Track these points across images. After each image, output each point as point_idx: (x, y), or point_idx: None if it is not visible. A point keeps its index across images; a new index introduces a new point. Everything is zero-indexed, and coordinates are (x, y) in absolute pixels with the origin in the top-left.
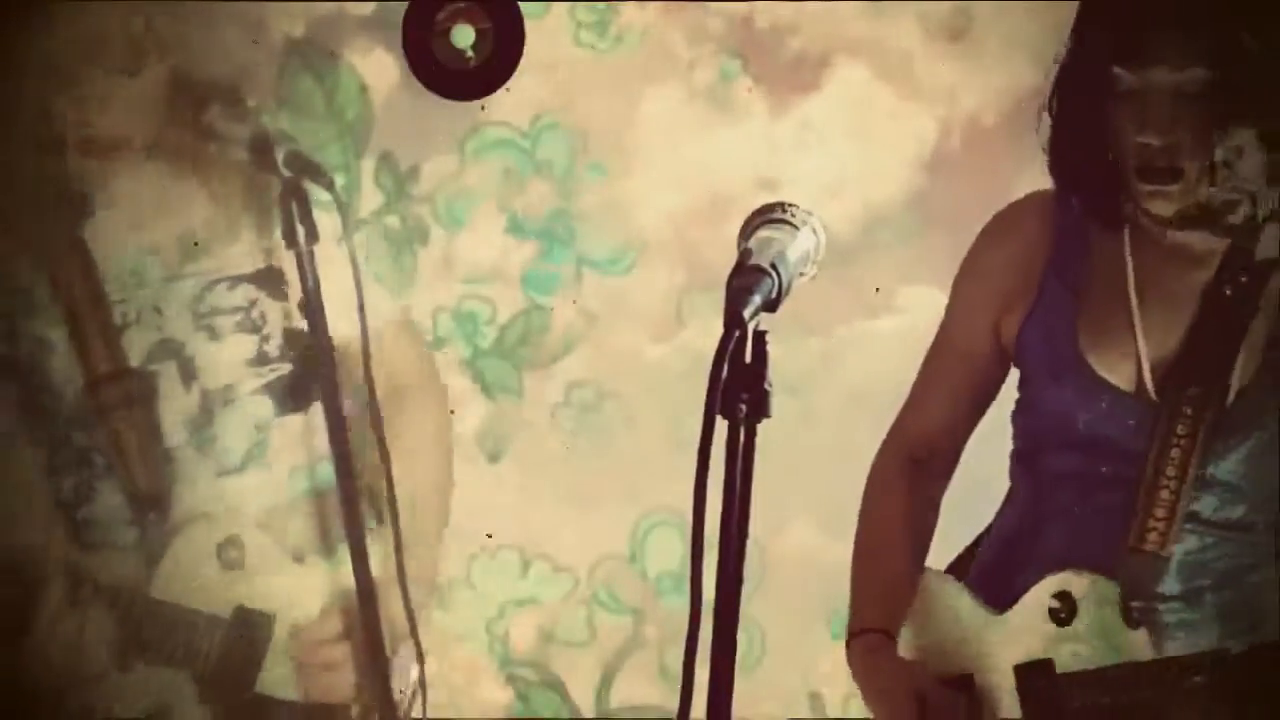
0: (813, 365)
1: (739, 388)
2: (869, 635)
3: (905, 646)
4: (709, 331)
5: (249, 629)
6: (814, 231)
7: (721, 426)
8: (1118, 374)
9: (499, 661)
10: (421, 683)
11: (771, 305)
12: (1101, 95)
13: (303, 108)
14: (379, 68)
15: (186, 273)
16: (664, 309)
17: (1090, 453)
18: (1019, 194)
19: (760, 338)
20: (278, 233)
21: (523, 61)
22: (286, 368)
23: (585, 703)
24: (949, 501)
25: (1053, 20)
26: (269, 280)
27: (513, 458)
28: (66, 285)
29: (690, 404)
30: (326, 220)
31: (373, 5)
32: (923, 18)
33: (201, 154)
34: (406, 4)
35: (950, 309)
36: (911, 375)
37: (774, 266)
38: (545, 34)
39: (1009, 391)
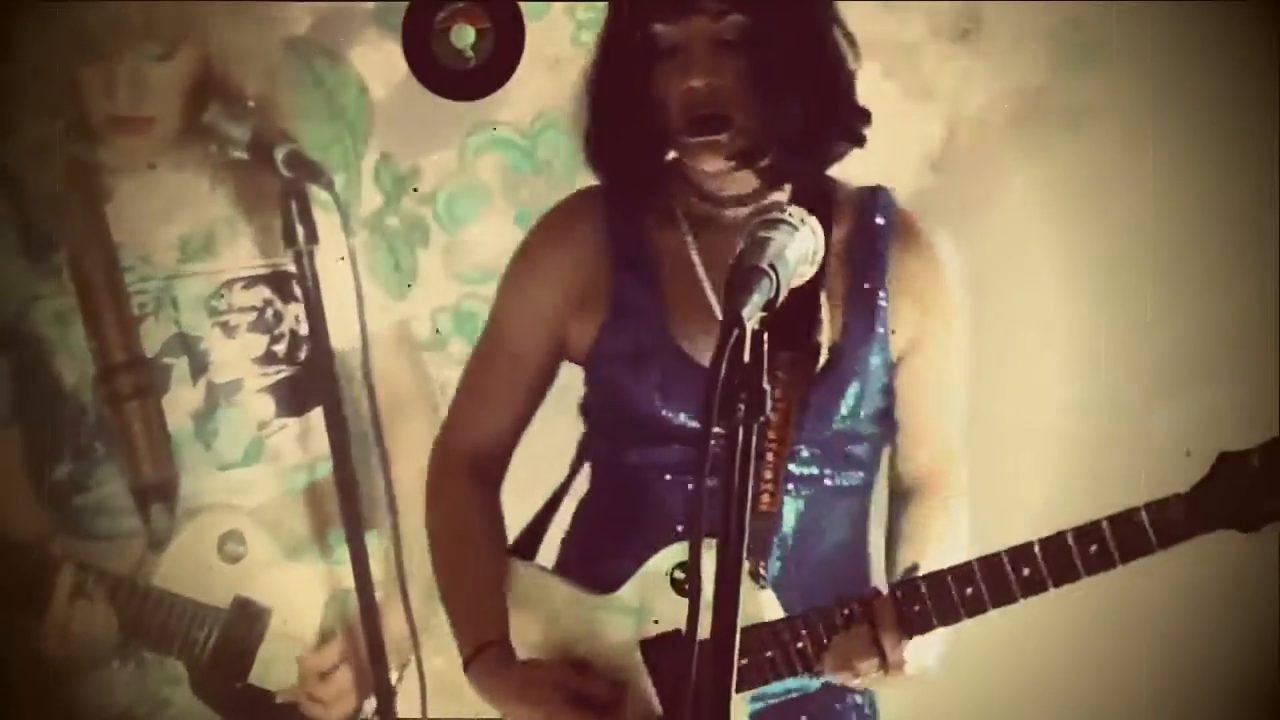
0: None
1: (738, 387)
2: (485, 652)
3: (522, 651)
4: None
5: (246, 621)
6: (813, 232)
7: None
8: (708, 354)
9: None
10: (421, 682)
11: (771, 305)
12: (644, 61)
13: (303, 108)
14: (379, 67)
15: (203, 269)
16: None
17: (689, 434)
18: (1023, 193)
19: (759, 338)
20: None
21: (523, 61)
22: (292, 369)
23: None
24: None
25: (1060, 19)
26: (283, 281)
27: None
28: (85, 267)
29: None
30: (326, 220)
31: (373, 5)
32: (930, 17)
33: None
34: (406, 4)
35: (500, 314)
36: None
37: (773, 266)
38: (545, 34)
39: None
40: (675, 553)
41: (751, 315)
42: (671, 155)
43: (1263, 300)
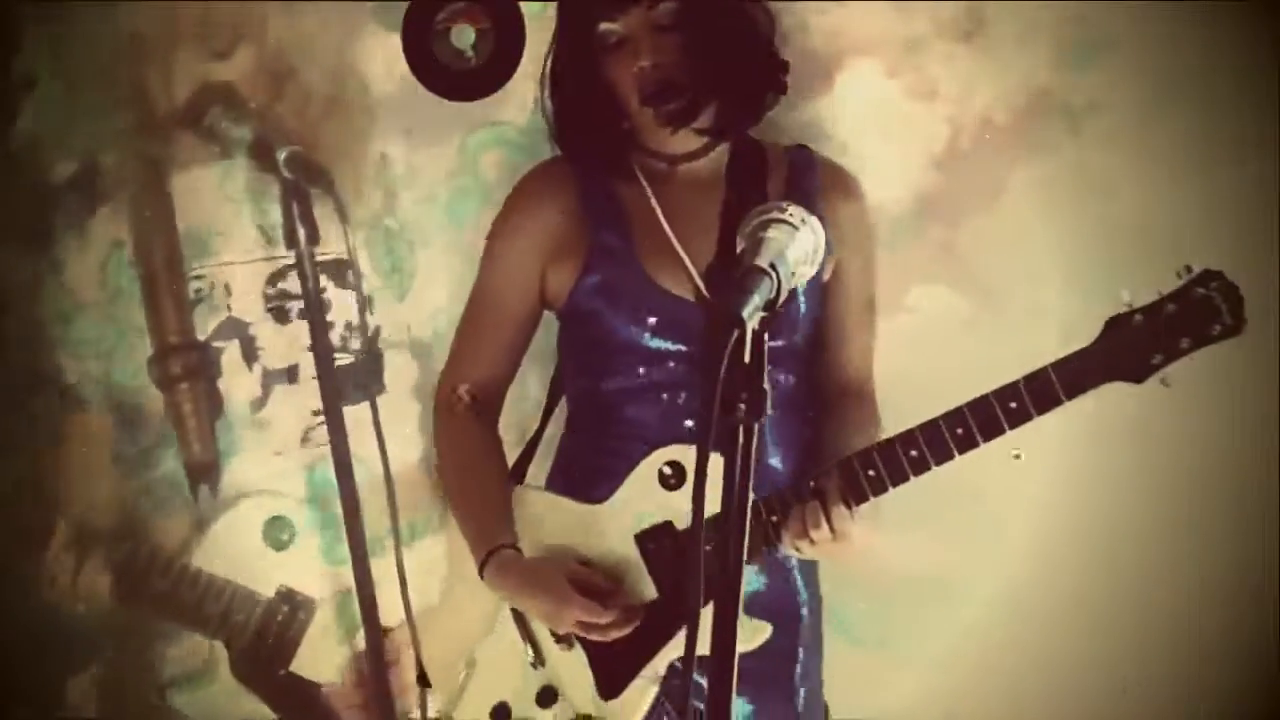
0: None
1: (738, 387)
2: (498, 553)
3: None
4: None
5: (290, 609)
6: (813, 231)
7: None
8: (680, 288)
9: None
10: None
11: (771, 305)
12: (595, 54)
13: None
14: (379, 67)
15: (261, 254)
16: None
17: (661, 360)
18: (1025, 193)
19: (759, 337)
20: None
21: (523, 61)
22: (347, 358)
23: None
24: None
25: (1064, 19)
26: (338, 270)
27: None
28: (147, 250)
29: None
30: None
31: (373, 5)
32: (934, 16)
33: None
34: (406, 4)
35: (487, 266)
36: (922, 375)
37: (773, 266)
38: (545, 34)
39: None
40: (660, 456)
41: (752, 315)
42: (626, 126)
43: (1263, 301)
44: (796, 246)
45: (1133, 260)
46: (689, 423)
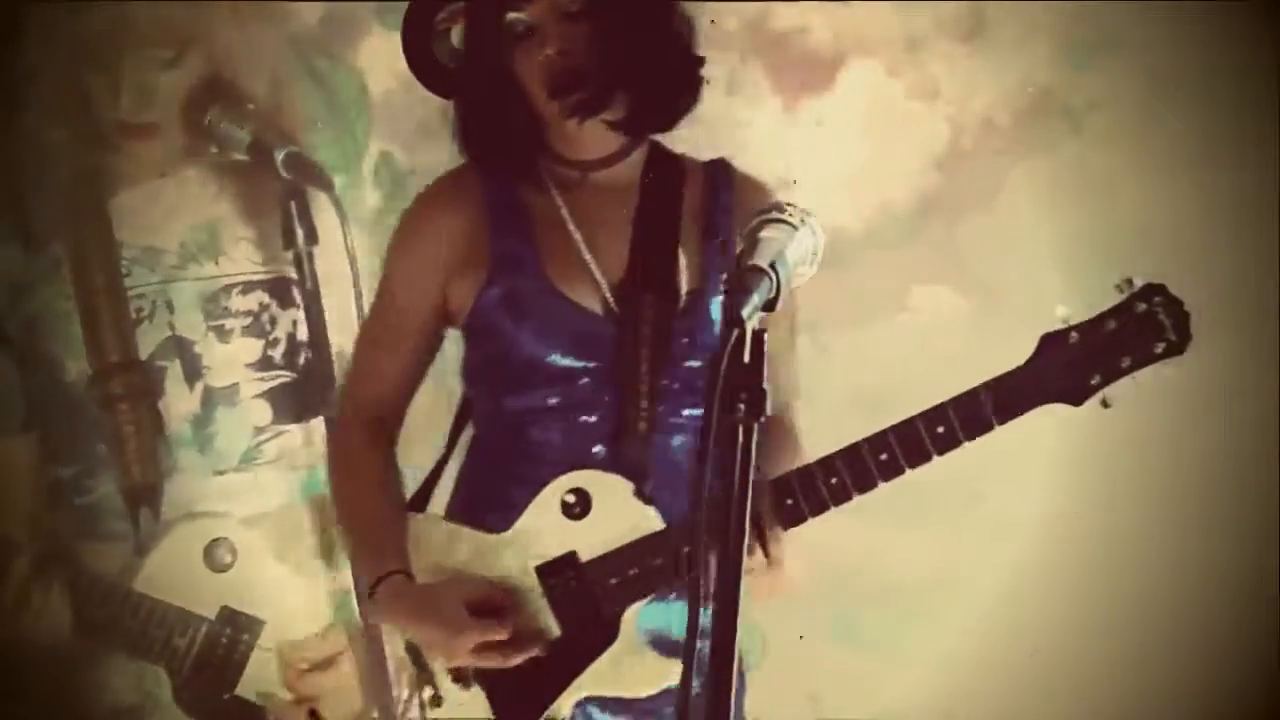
0: (822, 363)
1: (738, 387)
2: (389, 579)
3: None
4: None
5: (234, 631)
6: (813, 231)
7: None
8: (589, 302)
9: None
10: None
11: (770, 305)
12: (503, 49)
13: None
14: (379, 68)
15: (203, 272)
16: None
17: (568, 378)
18: (1030, 192)
19: (759, 337)
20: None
21: None
22: (290, 375)
23: None
24: None
25: (1065, 19)
26: (281, 287)
27: None
28: (85, 267)
29: None
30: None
31: (373, 5)
32: (936, 17)
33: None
34: (406, 4)
35: (388, 280)
36: (924, 375)
37: (773, 266)
38: None
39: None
40: (563, 483)
41: (751, 315)
42: (535, 128)
43: (1263, 301)
44: (796, 246)
45: (1134, 260)
46: (599, 447)
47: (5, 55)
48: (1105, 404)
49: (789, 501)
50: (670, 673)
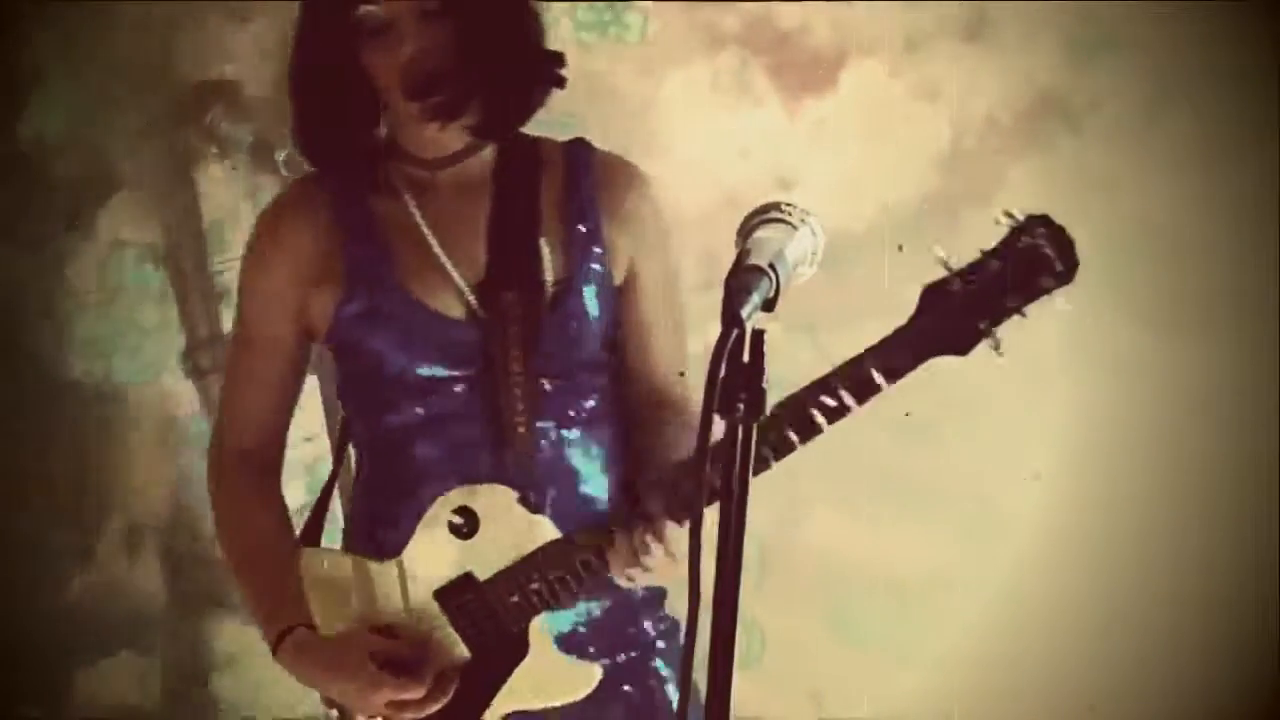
0: (823, 364)
1: (737, 387)
2: (292, 634)
3: (327, 631)
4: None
5: None
6: (812, 231)
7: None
8: (451, 308)
9: None
10: None
11: (769, 304)
12: (350, 44)
13: None
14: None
15: None
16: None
17: (440, 389)
18: (1031, 191)
19: (759, 337)
20: None
21: None
22: None
23: None
24: None
25: (1068, 19)
26: None
27: None
28: (175, 243)
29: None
30: None
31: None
32: (938, 17)
33: None
34: None
35: (244, 305)
36: (928, 375)
37: (772, 266)
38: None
39: None
40: (447, 502)
41: (751, 315)
42: (381, 129)
43: (1263, 300)
44: (795, 246)
45: (1135, 260)
46: (481, 458)
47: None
48: (997, 350)
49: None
50: (590, 674)
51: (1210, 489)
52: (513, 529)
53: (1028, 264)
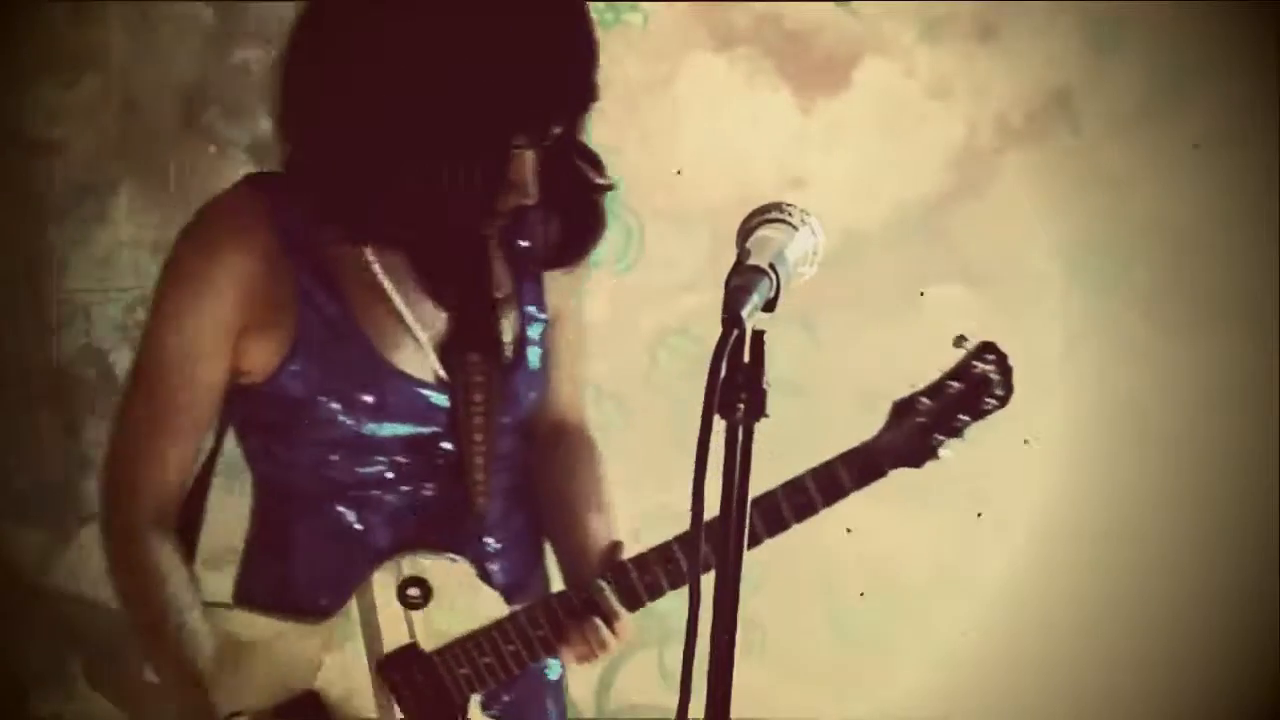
0: (832, 363)
1: (737, 387)
2: None
3: (228, 695)
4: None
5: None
6: (813, 232)
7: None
8: (418, 369)
9: None
10: None
11: (770, 305)
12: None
13: None
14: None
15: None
16: None
17: (386, 448)
18: (1041, 190)
19: (759, 337)
20: None
21: None
22: None
23: (585, 703)
24: None
25: (1080, 20)
26: None
27: None
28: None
29: (690, 403)
30: None
31: None
32: (952, 17)
33: None
34: None
35: (163, 346)
36: (933, 375)
37: (772, 267)
38: None
39: None
40: (399, 568)
41: (751, 315)
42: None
43: (1263, 299)
44: (795, 246)
45: (1141, 257)
46: (430, 525)
47: None
48: (936, 456)
49: (646, 579)
50: None
51: (1212, 488)
52: (467, 603)
53: (979, 388)
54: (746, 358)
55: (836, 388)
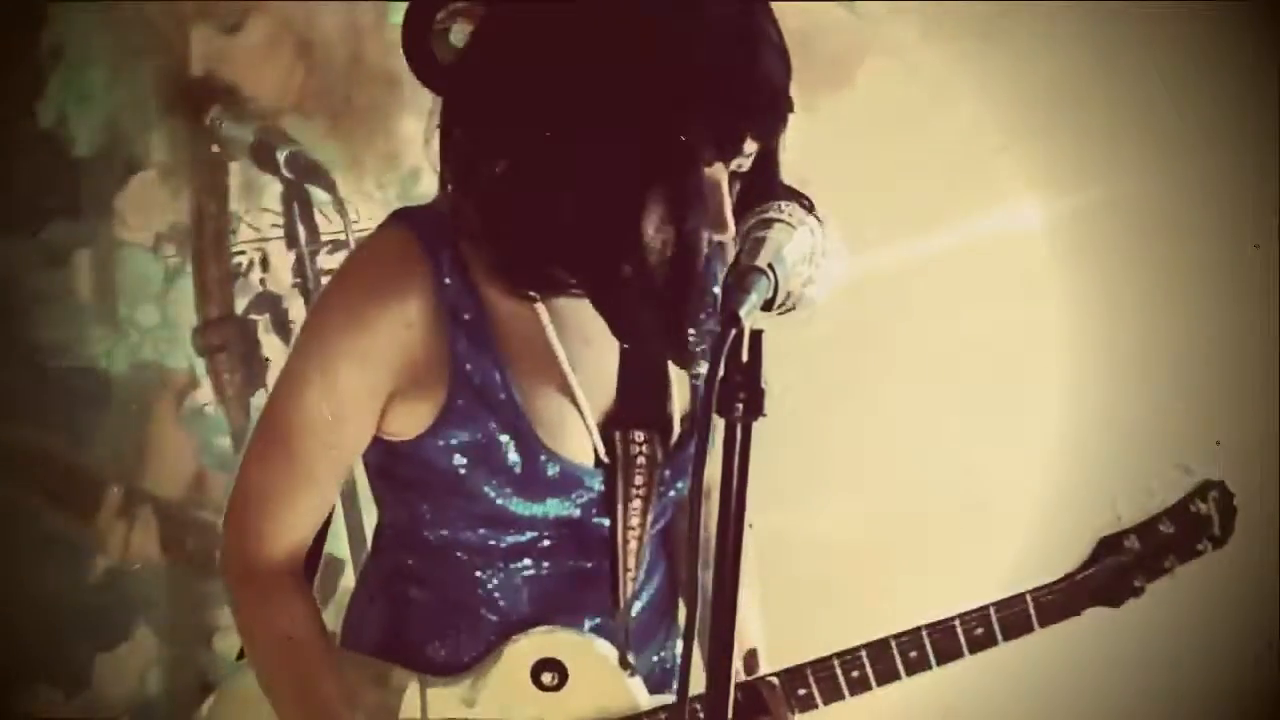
0: (830, 365)
1: (736, 386)
2: None
3: None
4: None
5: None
6: (812, 232)
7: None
8: (579, 453)
9: None
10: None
11: (769, 304)
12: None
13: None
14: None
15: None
16: None
17: (535, 525)
18: (1042, 189)
19: (757, 337)
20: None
21: None
22: None
23: None
24: None
25: (1084, 21)
26: None
27: None
28: (201, 221)
29: None
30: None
31: (374, 5)
32: (955, 18)
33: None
34: (406, 4)
35: (307, 389)
36: (933, 375)
37: (771, 266)
38: None
39: None
40: (536, 646)
41: (749, 314)
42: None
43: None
44: (794, 246)
45: (1137, 259)
46: (574, 608)
47: None
48: (1138, 596)
49: (801, 692)
50: None
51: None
52: (604, 691)
53: (1193, 529)
54: (745, 357)
55: (830, 387)
